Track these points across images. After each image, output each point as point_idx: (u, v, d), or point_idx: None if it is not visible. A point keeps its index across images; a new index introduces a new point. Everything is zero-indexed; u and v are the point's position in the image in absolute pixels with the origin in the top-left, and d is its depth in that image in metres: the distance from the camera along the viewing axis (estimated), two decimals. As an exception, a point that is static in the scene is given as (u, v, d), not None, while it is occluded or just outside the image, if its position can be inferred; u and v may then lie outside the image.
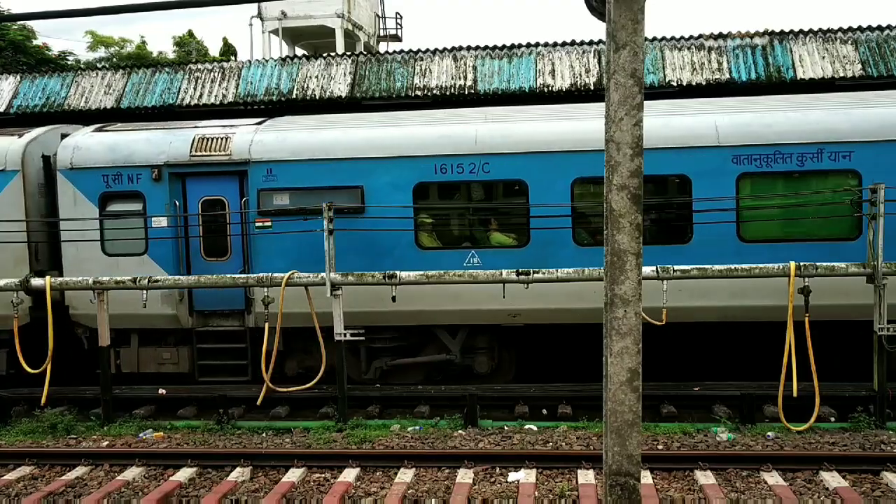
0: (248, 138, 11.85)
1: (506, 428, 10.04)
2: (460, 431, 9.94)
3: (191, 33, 42.26)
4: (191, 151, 11.85)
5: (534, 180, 11.16)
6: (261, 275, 10.54)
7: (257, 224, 11.62)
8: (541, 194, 11.06)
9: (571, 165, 11.09)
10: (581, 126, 11.27)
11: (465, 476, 8.27)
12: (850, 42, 14.61)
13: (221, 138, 11.94)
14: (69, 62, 32.80)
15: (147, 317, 11.72)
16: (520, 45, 15.74)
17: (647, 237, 10.24)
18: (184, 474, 8.67)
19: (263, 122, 12.56)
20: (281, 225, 11.42)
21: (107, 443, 10.02)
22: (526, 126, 11.53)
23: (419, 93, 15.18)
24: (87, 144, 12.17)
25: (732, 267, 9.92)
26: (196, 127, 12.49)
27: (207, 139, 11.94)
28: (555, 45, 15.58)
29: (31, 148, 12.37)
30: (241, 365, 11.93)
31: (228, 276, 10.81)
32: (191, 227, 11.95)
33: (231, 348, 12.00)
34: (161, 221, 11.85)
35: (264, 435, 10.17)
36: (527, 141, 11.27)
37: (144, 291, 10.68)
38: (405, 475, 8.37)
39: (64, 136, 12.74)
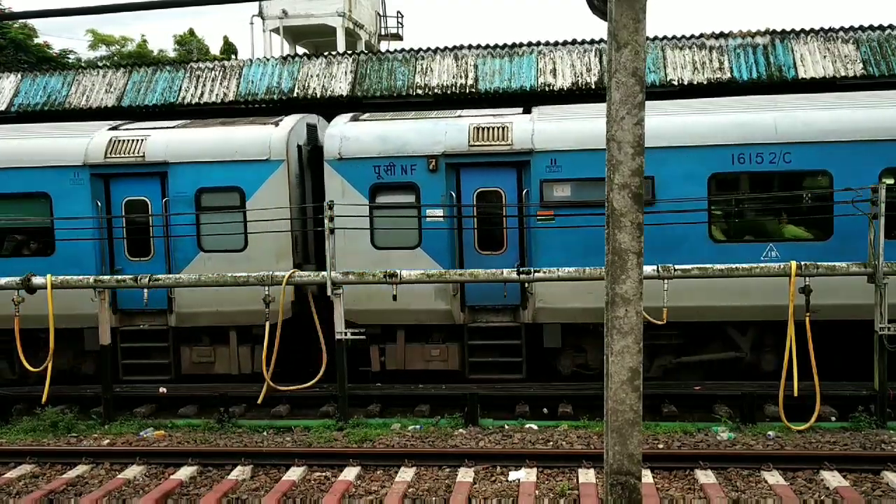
0: (528, 127, 11.42)
1: (506, 427, 10.04)
2: (461, 430, 9.94)
3: (192, 32, 42.25)
4: (469, 141, 11.45)
5: (838, 171, 10.71)
6: (262, 273, 10.52)
7: (539, 216, 11.25)
8: (845, 185, 10.29)
9: (880, 154, 10.69)
10: (892, 113, 10.87)
11: (465, 475, 8.27)
12: (851, 41, 14.60)
13: (499, 127, 11.52)
14: (70, 61, 32.82)
15: (419, 312, 11.43)
16: (521, 44, 15.74)
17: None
18: (184, 473, 8.67)
19: (529, 110, 12.18)
20: (564, 218, 10.99)
21: (108, 441, 10.02)
22: (831, 113, 11.09)
23: (420, 92, 15.18)
24: (355, 134, 11.80)
25: (733, 266, 9.92)
26: (460, 116, 12.11)
27: (485, 128, 11.55)
28: (556, 44, 15.58)
29: (291, 137, 12.07)
30: (514, 362, 11.51)
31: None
32: (461, 220, 11.57)
33: (503, 345, 11.60)
34: (436, 213, 11.49)
35: (265, 434, 10.17)
36: (832, 129, 10.85)
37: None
38: (406, 474, 8.37)
39: (310, 125, 12.59)
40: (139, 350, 12.28)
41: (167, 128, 12.56)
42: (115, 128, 12.75)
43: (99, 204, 11.98)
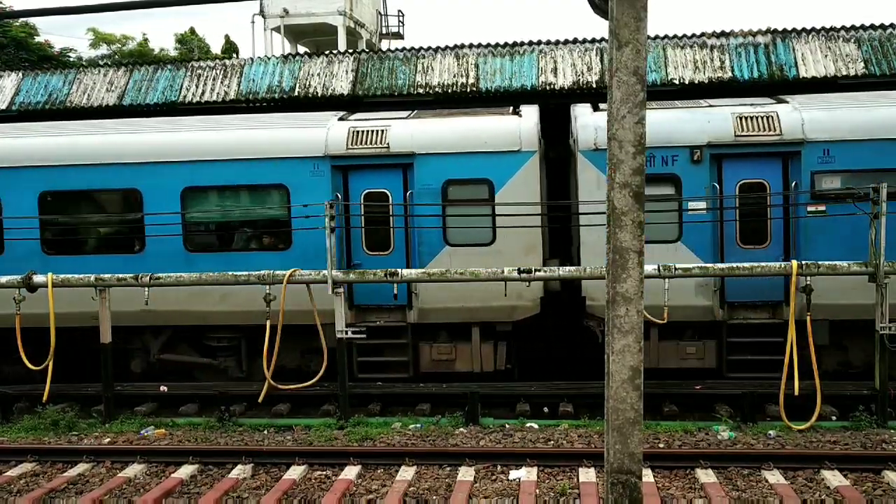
0: (797, 117, 11.10)
1: (507, 426, 10.05)
2: (461, 429, 9.94)
3: (193, 31, 42.19)
4: (734, 131, 11.09)
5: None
6: (263, 272, 10.52)
7: (809, 209, 10.85)
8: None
9: None
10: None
11: (466, 474, 8.27)
12: (852, 40, 14.57)
13: (765, 117, 11.20)
14: (71, 59, 32.82)
15: (678, 308, 10.89)
16: (522, 43, 15.71)
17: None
18: (185, 471, 8.67)
19: (782, 100, 11.89)
20: (836, 209, 10.62)
21: (108, 440, 10.03)
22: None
23: (421, 91, 15.16)
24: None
25: (734, 265, 9.92)
26: (712, 106, 11.80)
27: (750, 118, 11.19)
28: (557, 42, 15.55)
29: (536, 128, 11.76)
30: (774, 361, 10.57)
31: (231, 273, 10.74)
32: (723, 213, 11.17)
33: (767, 342, 11.08)
34: (699, 206, 11.15)
35: (266, 432, 10.18)
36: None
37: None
38: (406, 473, 8.38)
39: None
40: (374, 348, 11.85)
41: (401, 118, 12.27)
42: (343, 118, 12.50)
43: (339, 196, 11.60)
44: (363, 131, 11.75)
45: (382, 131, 11.72)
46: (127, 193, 12.00)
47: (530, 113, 11.98)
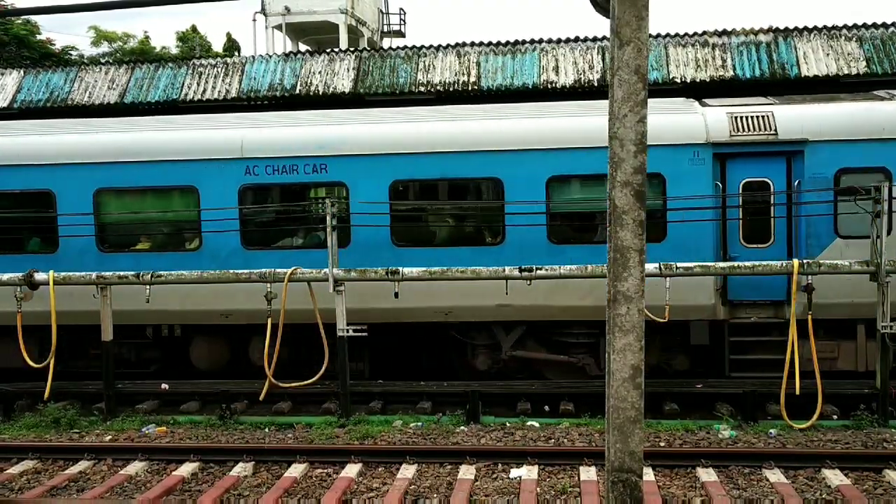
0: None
1: (508, 424, 10.05)
2: (462, 428, 9.95)
3: (194, 29, 42.18)
4: None
5: None
6: (264, 270, 10.53)
7: None
8: None
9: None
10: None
11: (466, 472, 8.28)
12: (854, 39, 14.57)
13: None
14: (72, 57, 32.83)
15: None
16: (523, 42, 15.72)
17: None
18: (186, 469, 8.68)
19: None
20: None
21: (109, 437, 10.04)
22: None
23: (423, 89, 15.17)
24: None
25: (735, 265, 9.92)
26: None
27: None
28: (558, 41, 15.56)
29: None
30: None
31: (232, 271, 10.74)
32: None
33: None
34: None
35: (267, 430, 10.19)
36: None
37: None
38: (407, 471, 8.38)
39: None
40: (748, 344, 11.13)
41: (778, 104, 11.63)
42: (703, 104, 11.82)
43: (719, 185, 10.95)
44: (746, 117, 11.17)
45: (767, 117, 11.14)
46: (489, 183, 11.44)
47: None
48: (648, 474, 7.96)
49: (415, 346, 12.29)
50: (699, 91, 13.95)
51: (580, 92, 14.57)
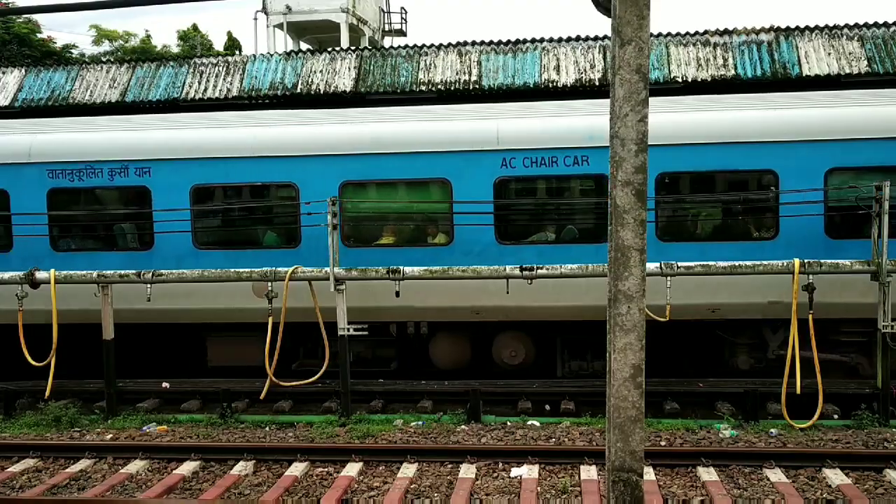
0: None
1: (508, 423, 10.05)
2: (463, 427, 9.95)
3: (195, 27, 42.26)
4: None
5: None
6: (265, 269, 10.53)
7: None
8: None
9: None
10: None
11: (467, 471, 8.28)
12: (856, 38, 14.55)
13: None
14: (74, 56, 32.85)
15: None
16: (524, 41, 15.71)
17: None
18: (187, 468, 8.69)
19: None
20: None
21: (110, 436, 10.05)
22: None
23: (424, 88, 15.16)
24: None
25: (736, 264, 9.91)
26: None
27: None
28: (560, 40, 15.54)
29: None
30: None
31: (233, 269, 10.74)
32: None
33: None
34: None
35: (268, 429, 10.19)
36: None
37: None
38: (408, 470, 8.39)
39: None
40: None
41: None
42: None
43: None
44: None
45: None
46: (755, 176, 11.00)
47: None
48: (649, 473, 7.96)
49: (679, 344, 11.73)
50: (701, 90, 13.94)
51: (581, 91, 14.56)
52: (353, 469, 8.47)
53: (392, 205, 11.59)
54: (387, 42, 36.27)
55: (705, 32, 15.09)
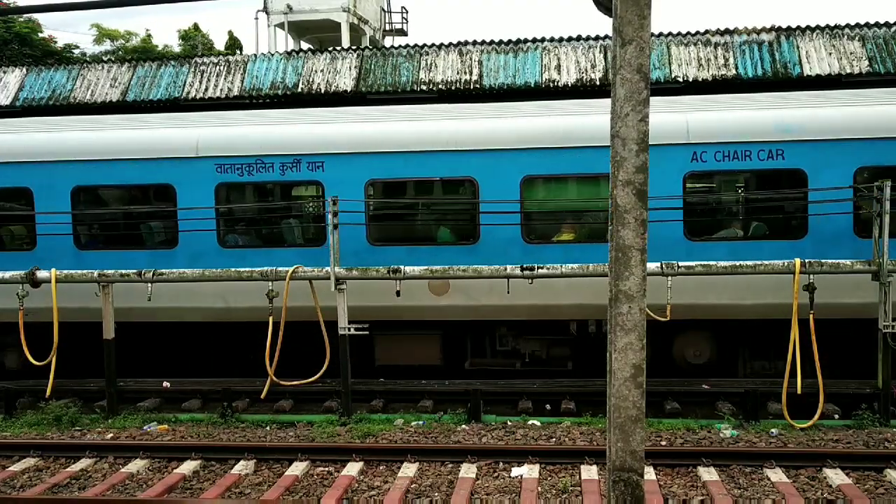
0: None
1: (509, 423, 10.05)
2: (464, 426, 9.95)
3: (196, 27, 42.23)
4: None
5: None
6: (266, 269, 10.53)
7: None
8: None
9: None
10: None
11: (468, 471, 8.28)
12: (857, 38, 14.55)
13: None
14: (75, 56, 32.86)
15: None
16: (525, 40, 15.71)
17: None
18: (188, 467, 8.69)
19: None
20: None
21: (111, 435, 10.05)
22: None
23: (424, 87, 15.17)
24: None
25: (737, 263, 9.90)
26: None
27: None
28: (560, 40, 15.55)
29: None
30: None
31: (234, 269, 10.75)
32: None
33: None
34: None
35: (268, 428, 10.20)
36: None
37: None
38: (408, 469, 8.39)
39: None
40: None
41: None
42: None
43: None
44: None
45: None
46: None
47: None
48: (649, 473, 7.96)
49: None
50: (702, 90, 13.94)
51: (582, 91, 14.56)
52: (353, 468, 8.47)
53: (573, 202, 11.28)
54: (388, 42, 36.28)
55: (706, 32, 15.09)
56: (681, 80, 14.45)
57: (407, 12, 37.72)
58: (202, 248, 11.48)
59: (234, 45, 41.74)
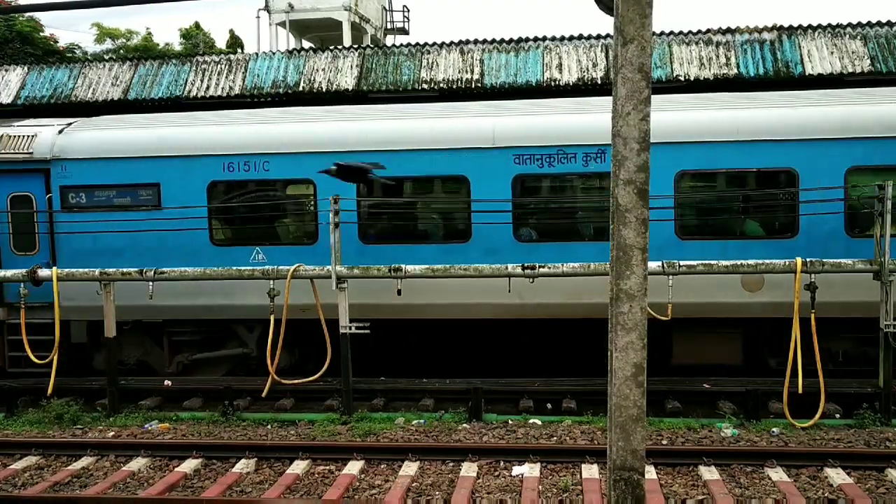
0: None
1: (510, 422, 10.05)
2: (465, 425, 9.95)
3: (197, 25, 42.19)
4: None
5: None
6: (267, 267, 10.53)
7: None
8: None
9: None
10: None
11: (469, 470, 8.28)
12: (858, 37, 14.52)
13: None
14: (76, 54, 32.86)
15: None
16: (527, 39, 15.69)
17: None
18: (189, 465, 8.70)
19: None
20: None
21: (112, 433, 10.06)
22: None
23: (426, 86, 15.15)
24: None
25: (738, 263, 9.90)
26: None
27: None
28: (562, 38, 15.52)
29: None
30: None
31: (235, 268, 10.75)
32: None
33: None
34: None
35: (269, 427, 10.20)
36: None
37: None
38: (409, 468, 8.39)
39: None
40: None
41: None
42: None
43: None
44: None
45: None
46: None
47: None
48: (650, 472, 7.96)
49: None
50: (703, 89, 13.93)
51: (584, 89, 14.54)
52: (354, 467, 8.47)
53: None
54: (389, 40, 36.26)
55: (708, 31, 15.07)
56: (682, 79, 14.43)
57: (408, 11, 37.69)
58: (497, 242, 11.15)
59: (235, 43, 41.70)
